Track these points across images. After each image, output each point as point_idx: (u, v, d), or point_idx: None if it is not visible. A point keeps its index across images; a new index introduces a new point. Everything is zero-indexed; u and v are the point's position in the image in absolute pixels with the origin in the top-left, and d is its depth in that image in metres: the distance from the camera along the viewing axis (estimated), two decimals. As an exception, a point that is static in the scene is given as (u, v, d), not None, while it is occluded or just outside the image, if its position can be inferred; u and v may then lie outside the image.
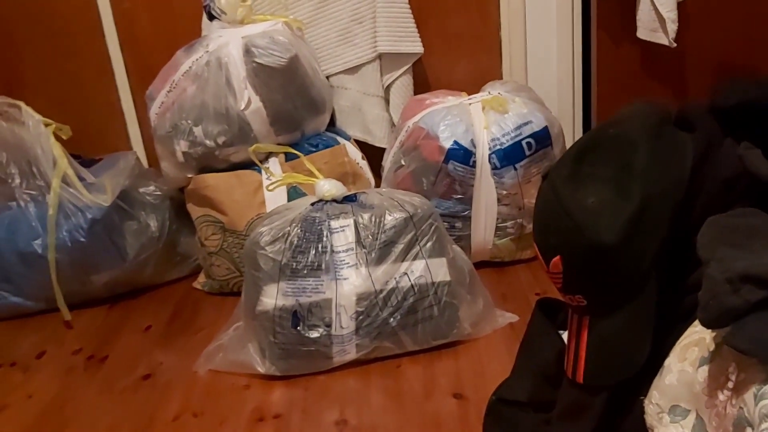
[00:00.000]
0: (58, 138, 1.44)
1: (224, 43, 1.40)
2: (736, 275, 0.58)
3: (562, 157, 0.80)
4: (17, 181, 1.41)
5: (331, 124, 1.60)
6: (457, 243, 1.37)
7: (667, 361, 0.67)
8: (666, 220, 0.72)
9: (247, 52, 1.38)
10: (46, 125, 1.42)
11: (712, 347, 0.62)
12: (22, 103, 1.42)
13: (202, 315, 1.42)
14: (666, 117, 0.77)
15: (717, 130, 0.73)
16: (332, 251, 1.17)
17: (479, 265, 1.40)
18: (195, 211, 1.47)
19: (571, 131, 1.66)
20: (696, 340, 0.65)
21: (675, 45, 1.40)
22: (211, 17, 1.43)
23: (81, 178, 1.45)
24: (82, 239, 1.40)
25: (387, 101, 1.61)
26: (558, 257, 0.77)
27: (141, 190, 1.52)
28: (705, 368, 0.63)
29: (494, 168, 1.38)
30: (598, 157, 0.77)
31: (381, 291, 1.17)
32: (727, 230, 0.64)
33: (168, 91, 1.43)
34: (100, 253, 1.43)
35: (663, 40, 1.42)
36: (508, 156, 1.38)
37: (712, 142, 0.73)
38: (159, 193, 1.53)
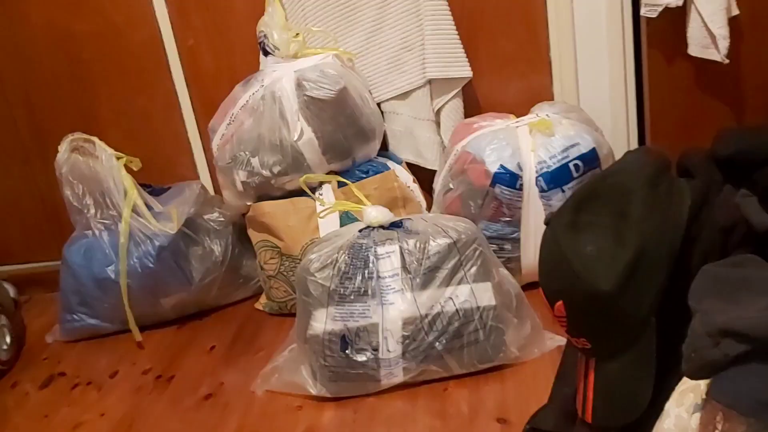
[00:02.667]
0: (129, 170, 1.53)
1: (278, 77, 1.44)
2: (716, 329, 0.58)
3: (563, 206, 0.81)
4: (92, 211, 1.50)
5: (384, 148, 1.63)
6: (506, 265, 1.37)
7: (666, 405, 0.66)
8: (663, 267, 0.72)
9: (299, 85, 1.42)
10: (118, 158, 1.51)
11: (704, 394, 0.61)
12: (95, 138, 1.51)
13: (263, 335, 1.47)
14: (664, 165, 0.77)
15: (716, 178, 0.71)
16: (378, 277, 1.19)
17: (530, 286, 1.39)
18: (255, 236, 1.53)
19: (625, 149, 1.62)
20: (692, 386, 0.64)
21: (727, 61, 1.35)
22: (266, 53, 1.48)
23: (149, 207, 1.53)
24: (151, 265, 1.48)
25: (438, 124, 1.62)
26: (561, 302, 0.77)
27: (206, 216, 1.59)
28: (697, 415, 0.63)
29: (542, 191, 1.37)
30: (596, 205, 0.78)
31: (426, 316, 1.18)
32: (718, 281, 0.63)
33: (228, 124, 1.49)
34: (168, 277, 1.50)
35: (715, 57, 1.37)
36: (555, 178, 1.37)
37: (711, 189, 0.73)
38: (222, 219, 1.59)
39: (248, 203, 1.52)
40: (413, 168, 1.61)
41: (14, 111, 1.73)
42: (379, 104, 1.60)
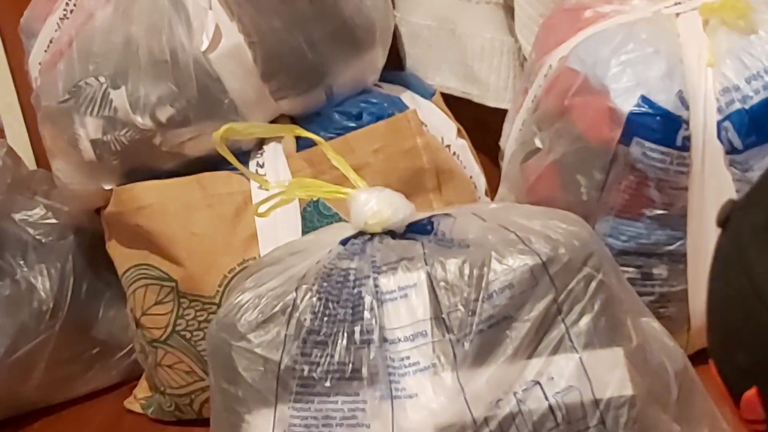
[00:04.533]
0: None
1: None
2: None
3: (755, 188, 0.83)
4: None
5: (397, 66, 1.66)
6: (657, 310, 1.39)
7: None
8: None
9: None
10: None
11: None
12: None
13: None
14: None
15: None
16: (383, 339, 1.19)
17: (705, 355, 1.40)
18: (122, 257, 1.55)
19: None
20: None
21: None
22: None
23: None
24: None
25: (510, 11, 1.65)
26: (755, 390, 0.80)
27: (17, 216, 1.62)
28: None
29: (731, 150, 1.39)
30: None
31: (487, 421, 1.18)
32: None
33: (61, 18, 1.52)
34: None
35: None
36: (759, 123, 1.39)
37: None
38: (54, 221, 1.63)
39: (106, 186, 1.55)
40: (457, 106, 1.63)
41: None
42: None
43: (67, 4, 1.51)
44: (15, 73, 1.76)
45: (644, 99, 1.39)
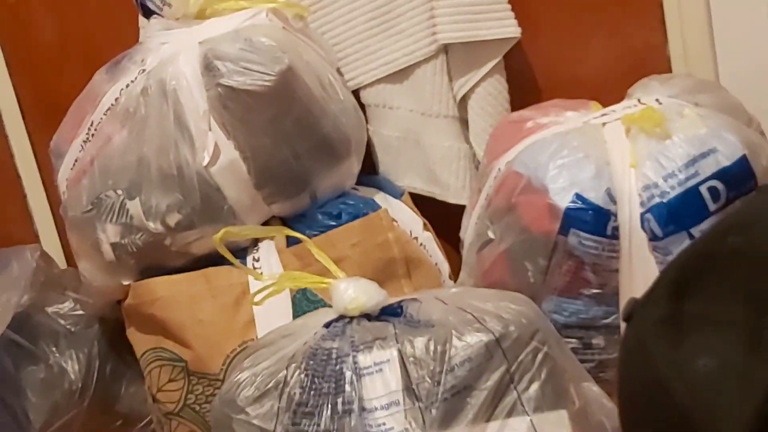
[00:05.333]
0: None
1: (171, 54, 1.49)
2: None
3: (653, 287, 0.82)
4: None
5: (371, 171, 1.68)
6: (597, 374, 1.39)
7: None
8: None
9: (209, 67, 1.46)
10: None
11: None
12: None
13: None
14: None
15: None
16: (362, 409, 1.20)
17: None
18: (140, 341, 1.55)
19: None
20: None
21: None
22: (148, 13, 1.53)
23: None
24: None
25: (464, 123, 1.68)
26: None
27: (50, 309, 1.63)
28: None
29: (653, 238, 1.40)
30: (713, 287, 0.81)
31: (452, 476, 1.20)
32: None
33: (84, 142, 1.54)
34: (-18, 423, 1.53)
35: None
36: (676, 215, 1.40)
37: None
38: (81, 312, 1.64)
39: (125, 282, 1.56)
40: (423, 204, 1.65)
41: None
42: (357, 93, 1.65)
43: (89, 129, 1.53)
44: (48, 189, 1.77)
45: (578, 196, 1.40)
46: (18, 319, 1.58)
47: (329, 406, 1.22)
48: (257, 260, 1.52)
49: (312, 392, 1.22)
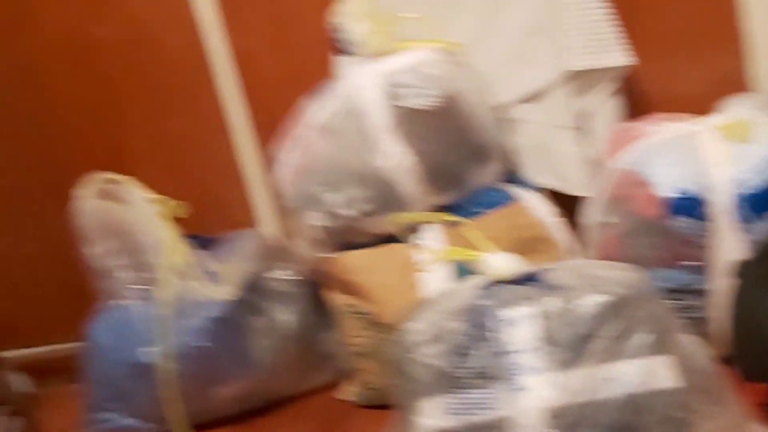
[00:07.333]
0: (169, 217, 1.61)
1: (360, 84, 1.50)
2: None
3: (757, 252, 0.79)
4: (124, 274, 1.59)
5: (511, 169, 1.66)
6: (693, 327, 1.35)
7: None
8: None
9: (390, 93, 1.48)
10: (154, 202, 1.60)
11: None
12: (124, 179, 1.60)
13: (351, 436, 1.51)
14: None
15: None
16: (507, 352, 1.20)
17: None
18: (336, 299, 1.58)
19: None
20: None
21: None
22: (343, 52, 1.55)
23: (198, 266, 1.60)
24: (202, 344, 1.55)
25: (586, 132, 1.64)
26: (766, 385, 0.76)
27: (270, 275, 1.65)
28: None
29: (740, 220, 1.35)
30: None
31: (581, 406, 1.18)
32: None
33: (297, 149, 1.57)
34: (225, 359, 1.57)
35: None
36: (760, 202, 1.36)
37: None
38: (292, 278, 1.65)
39: (326, 255, 1.58)
40: (554, 197, 1.62)
41: (23, 145, 1.87)
42: (500, 111, 1.64)
43: (300, 140, 1.56)
44: (267, 184, 1.80)
45: (679, 188, 1.38)
46: (249, 283, 1.61)
47: (482, 348, 1.21)
48: (424, 239, 1.51)
49: (470, 338, 1.21)
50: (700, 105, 1.52)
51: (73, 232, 1.60)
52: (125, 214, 1.59)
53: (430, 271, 1.44)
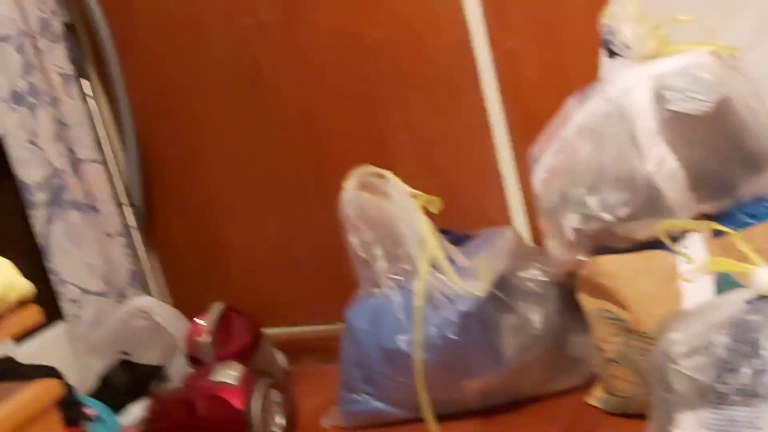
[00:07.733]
0: (426, 212, 1.66)
1: (628, 87, 1.48)
2: None
3: None
4: (382, 264, 1.66)
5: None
6: None
7: None
8: None
9: (659, 97, 1.45)
10: (414, 197, 1.66)
11: None
12: (388, 173, 1.67)
13: (600, 442, 1.50)
14: None
15: None
16: (776, 371, 1.15)
17: None
18: (589, 303, 1.57)
19: None
20: None
21: None
22: (612, 54, 1.52)
23: (451, 261, 1.64)
24: (453, 336, 1.58)
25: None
26: None
27: (521, 274, 1.66)
28: None
29: None
30: None
31: None
32: None
33: (556, 152, 1.57)
34: (473, 353, 1.60)
35: None
36: None
37: None
38: (544, 279, 1.66)
39: (580, 258, 1.57)
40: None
41: (292, 136, 1.98)
42: None
43: (561, 142, 1.56)
44: (522, 184, 1.81)
45: None
46: (500, 281, 1.63)
47: (747, 365, 1.16)
48: (686, 247, 1.46)
49: (734, 353, 1.17)
50: None
51: (338, 221, 1.69)
52: (387, 207, 1.66)
53: (694, 281, 1.40)
